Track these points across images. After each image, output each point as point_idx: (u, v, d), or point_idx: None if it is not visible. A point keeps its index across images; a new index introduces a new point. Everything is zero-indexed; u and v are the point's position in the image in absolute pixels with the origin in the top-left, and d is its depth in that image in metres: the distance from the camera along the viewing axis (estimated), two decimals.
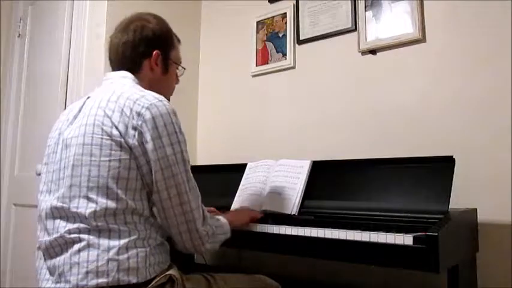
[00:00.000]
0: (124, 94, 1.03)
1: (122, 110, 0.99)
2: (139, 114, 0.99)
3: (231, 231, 1.18)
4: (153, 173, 0.99)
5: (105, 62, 1.92)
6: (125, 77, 1.13)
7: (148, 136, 0.98)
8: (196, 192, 1.06)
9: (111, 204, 0.96)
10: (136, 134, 0.98)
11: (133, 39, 1.14)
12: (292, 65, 2.03)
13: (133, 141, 0.98)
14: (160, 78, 1.19)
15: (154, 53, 1.16)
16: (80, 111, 1.08)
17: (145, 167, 0.99)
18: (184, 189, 1.02)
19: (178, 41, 1.28)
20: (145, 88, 1.10)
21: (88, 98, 1.11)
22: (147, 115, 0.99)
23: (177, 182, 1.01)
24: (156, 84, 1.17)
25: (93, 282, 0.90)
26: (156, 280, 0.97)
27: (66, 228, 0.96)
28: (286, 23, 2.07)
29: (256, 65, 2.16)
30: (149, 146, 0.98)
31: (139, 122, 0.98)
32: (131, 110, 0.99)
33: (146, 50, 1.15)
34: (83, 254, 0.93)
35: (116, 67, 1.17)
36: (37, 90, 2.29)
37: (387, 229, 1.11)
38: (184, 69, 1.30)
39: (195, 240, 1.04)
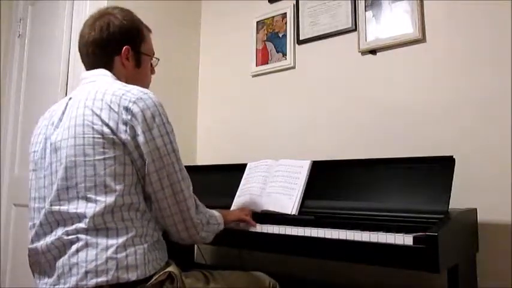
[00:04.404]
0: (108, 91, 1.02)
1: (110, 106, 0.99)
2: (127, 109, 0.99)
3: (232, 232, 1.18)
4: (146, 165, 1.00)
5: None
6: (105, 75, 1.12)
7: (139, 129, 0.99)
8: (188, 181, 1.07)
9: (110, 201, 0.95)
10: (128, 128, 0.98)
11: (100, 38, 1.13)
12: (292, 65, 2.03)
13: (125, 136, 0.98)
14: (134, 72, 1.18)
15: (123, 49, 1.15)
16: (63, 113, 1.06)
17: (139, 160, 1.00)
18: (176, 179, 1.03)
19: (149, 30, 1.25)
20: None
21: (70, 99, 1.09)
22: (135, 109, 0.99)
23: (169, 172, 1.02)
24: (131, 78, 1.16)
25: (93, 281, 0.91)
26: (155, 277, 0.97)
27: (64, 230, 0.96)
28: (286, 23, 2.07)
29: (256, 65, 2.16)
30: (140, 138, 0.99)
31: (129, 117, 0.99)
32: (118, 105, 0.99)
33: (115, 47, 1.14)
34: (82, 254, 0.93)
35: (90, 66, 1.16)
36: (37, 90, 2.29)
37: (387, 229, 1.12)
38: (158, 59, 1.28)
39: (190, 229, 1.06)
